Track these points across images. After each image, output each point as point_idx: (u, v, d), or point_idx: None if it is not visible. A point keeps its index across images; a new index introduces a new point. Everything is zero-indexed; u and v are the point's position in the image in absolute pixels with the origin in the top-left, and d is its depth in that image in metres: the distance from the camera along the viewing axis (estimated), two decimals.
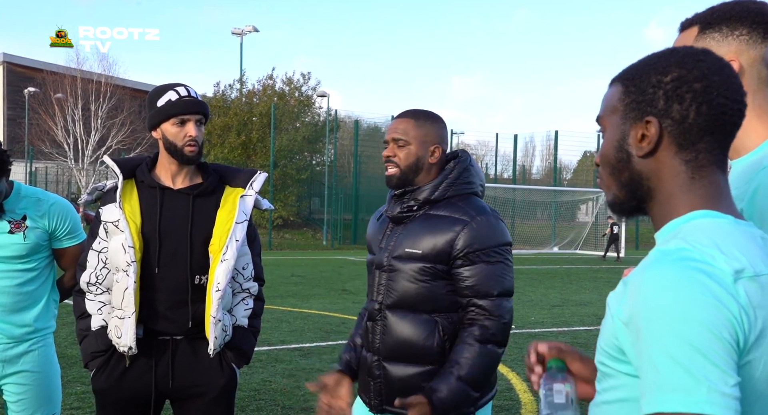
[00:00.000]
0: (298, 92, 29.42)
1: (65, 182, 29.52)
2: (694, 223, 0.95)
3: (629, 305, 0.90)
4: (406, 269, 1.93)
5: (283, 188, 26.96)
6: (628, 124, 0.99)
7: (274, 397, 4.85)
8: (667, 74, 0.96)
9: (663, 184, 0.98)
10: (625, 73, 1.02)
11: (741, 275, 0.88)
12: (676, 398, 0.82)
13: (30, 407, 2.46)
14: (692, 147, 0.96)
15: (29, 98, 28.18)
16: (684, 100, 0.95)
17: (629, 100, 0.99)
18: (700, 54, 0.97)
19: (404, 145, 1.97)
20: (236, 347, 2.25)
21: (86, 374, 5.27)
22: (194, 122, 2.19)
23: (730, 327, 0.84)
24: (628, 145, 0.99)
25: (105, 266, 2.22)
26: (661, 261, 0.89)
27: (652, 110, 0.97)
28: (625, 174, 1.00)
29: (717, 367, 0.82)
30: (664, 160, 0.97)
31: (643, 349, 0.87)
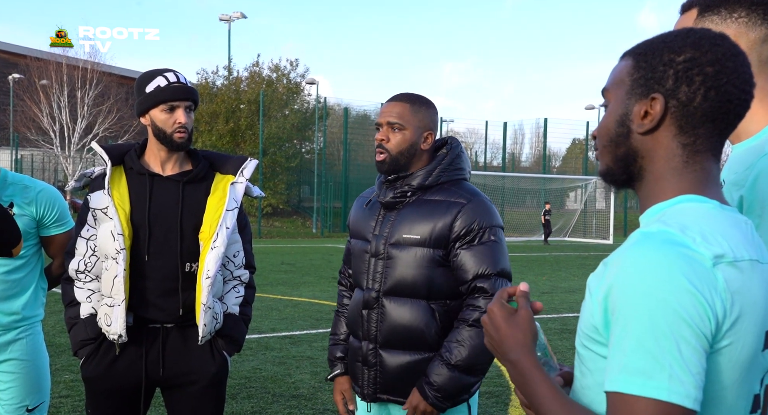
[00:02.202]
0: (286, 79, 29.24)
1: (51, 170, 29.23)
2: (679, 207, 0.96)
3: (607, 284, 0.90)
4: (404, 255, 1.92)
5: (273, 176, 26.86)
6: (634, 99, 0.98)
7: (265, 384, 4.86)
8: (681, 54, 0.95)
9: (656, 164, 0.98)
10: (638, 48, 1.00)
11: (721, 260, 0.88)
12: (637, 381, 0.83)
13: (18, 395, 2.44)
14: (692, 131, 0.96)
15: (14, 85, 27.81)
16: (693, 82, 0.94)
17: (638, 75, 0.98)
18: (718, 38, 0.96)
19: (400, 130, 1.95)
20: (227, 334, 2.24)
21: (75, 362, 5.24)
22: (184, 109, 2.16)
23: (703, 314, 0.85)
24: (630, 120, 0.98)
25: (94, 254, 2.19)
26: (642, 243, 0.90)
27: (660, 88, 0.96)
28: (621, 149, 1.00)
29: (683, 355, 0.83)
30: (663, 140, 0.97)
31: (616, 328, 0.87)
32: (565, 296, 9.81)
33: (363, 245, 2.04)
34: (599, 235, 26.70)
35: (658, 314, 0.84)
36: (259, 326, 6.78)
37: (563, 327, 7.40)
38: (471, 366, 1.84)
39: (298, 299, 8.95)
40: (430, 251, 1.90)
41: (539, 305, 1.06)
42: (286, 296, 9.17)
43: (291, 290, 9.68)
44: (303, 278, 11.15)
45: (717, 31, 0.98)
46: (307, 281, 10.85)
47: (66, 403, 4.37)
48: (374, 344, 1.97)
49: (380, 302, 1.96)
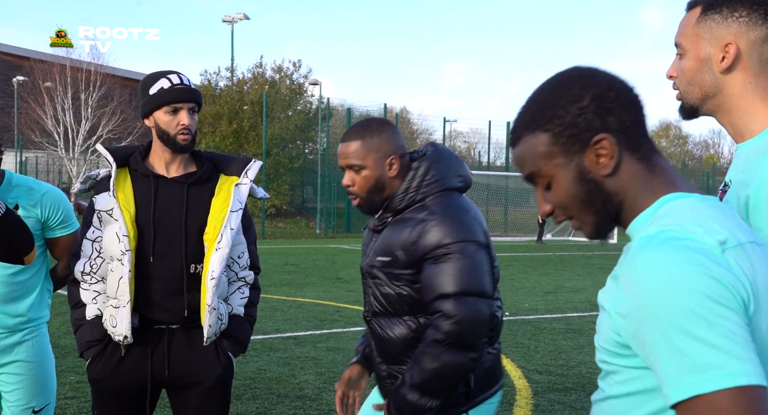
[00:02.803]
0: (289, 80, 29.26)
1: (56, 172, 29.31)
2: (666, 207, 0.97)
3: (625, 297, 0.89)
4: (382, 276, 1.89)
5: (276, 177, 26.89)
6: (577, 156, 1.00)
7: (269, 385, 4.86)
8: (583, 98, 0.99)
9: (629, 190, 1.00)
10: (536, 121, 1.02)
11: (726, 245, 0.89)
12: (710, 377, 0.80)
13: (25, 396, 2.45)
14: (638, 144, 1.00)
15: (18, 87, 27.89)
16: (612, 109, 0.98)
17: (563, 138, 1.00)
18: (587, 70, 1.02)
19: (359, 170, 1.89)
20: (232, 335, 2.24)
21: (80, 363, 5.26)
22: (187, 110, 2.17)
23: (731, 295, 0.85)
24: (590, 173, 1.00)
25: (99, 255, 2.20)
26: (647, 246, 0.89)
27: (596, 131, 0.99)
28: (598, 200, 1.01)
29: (738, 335, 0.82)
30: (626, 167, 1.00)
31: (654, 337, 0.85)
32: (569, 295, 9.79)
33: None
34: None
35: (697, 306, 0.83)
36: (263, 327, 6.79)
37: (568, 327, 7.39)
38: (427, 388, 1.77)
39: (302, 299, 8.96)
40: (402, 271, 1.85)
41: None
42: (290, 296, 9.18)
43: (295, 291, 9.69)
44: (307, 279, 11.16)
45: (582, 67, 1.03)
46: (311, 281, 10.86)
47: (72, 404, 4.38)
48: (379, 359, 1.98)
49: (371, 321, 1.97)
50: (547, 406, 4.49)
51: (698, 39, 1.28)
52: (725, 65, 1.26)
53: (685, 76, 1.31)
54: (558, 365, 5.62)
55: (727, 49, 1.25)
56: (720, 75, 1.27)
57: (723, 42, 1.25)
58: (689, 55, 1.30)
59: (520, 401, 4.58)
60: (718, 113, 1.31)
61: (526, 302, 9.06)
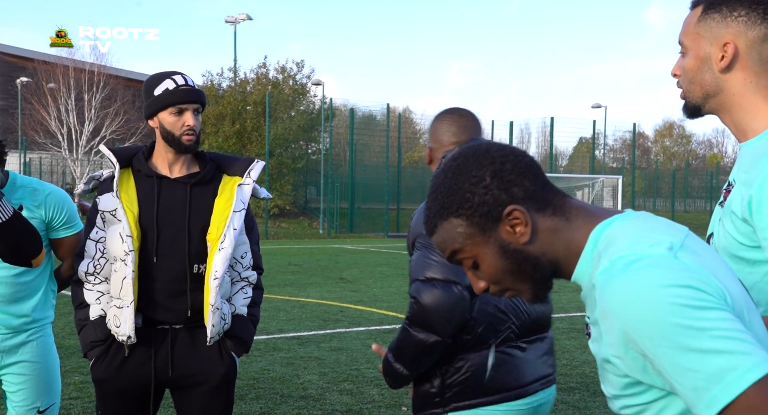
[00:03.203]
0: (293, 81, 29.28)
1: (59, 173, 29.38)
2: (601, 238, 0.99)
3: (613, 338, 0.91)
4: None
5: (279, 177, 26.91)
6: (493, 232, 1.02)
7: (273, 385, 4.87)
8: (484, 177, 1.02)
9: (557, 246, 1.03)
10: (446, 209, 1.03)
11: (674, 249, 0.91)
12: (727, 382, 0.81)
13: (30, 397, 2.46)
14: (547, 202, 1.03)
15: (21, 88, 27.97)
16: (513, 180, 1.02)
17: (477, 218, 1.02)
18: (479, 149, 1.05)
19: (430, 148, 2.07)
20: (235, 335, 2.25)
21: (84, 364, 5.27)
22: (192, 111, 2.18)
23: (708, 293, 0.86)
24: (510, 244, 1.02)
25: (103, 256, 2.21)
26: (609, 280, 0.91)
27: (504, 205, 1.01)
28: (528, 266, 1.03)
29: (731, 330, 0.82)
30: (543, 227, 1.02)
31: (662, 363, 0.86)
32: (572, 295, 9.78)
33: None
34: None
35: (679, 319, 0.83)
36: (266, 327, 6.80)
37: (571, 326, 7.38)
38: (397, 355, 1.87)
39: (305, 299, 8.96)
40: (410, 256, 1.95)
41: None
42: (293, 296, 9.19)
43: (298, 291, 9.70)
44: (310, 279, 11.16)
45: (473, 147, 1.05)
46: (314, 281, 10.86)
47: (76, 405, 4.39)
48: None
49: None
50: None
51: (699, 38, 1.29)
52: (724, 64, 1.26)
53: (687, 75, 1.32)
54: (561, 364, 5.61)
55: (725, 48, 1.26)
56: (719, 74, 1.28)
57: (722, 41, 1.26)
58: (690, 54, 1.31)
59: None
60: (720, 112, 1.32)
61: None
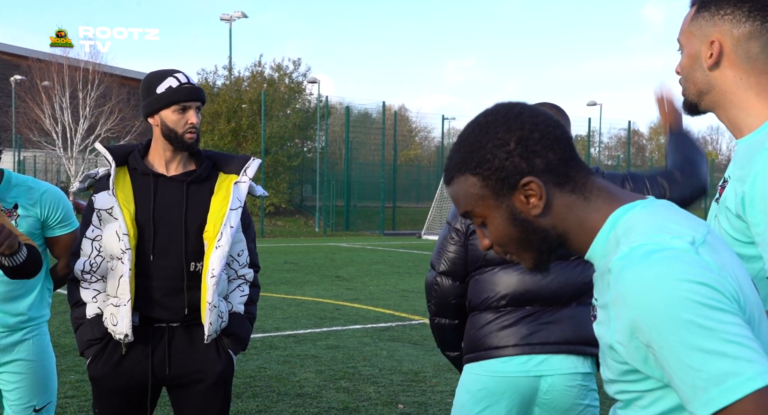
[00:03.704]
0: (288, 79, 29.24)
1: (54, 171, 29.29)
2: (620, 223, 0.97)
3: (623, 322, 0.90)
4: None
5: (275, 175, 26.88)
6: (507, 198, 1.02)
7: (270, 383, 4.87)
8: (508, 142, 1.00)
9: (569, 222, 1.02)
10: (466, 164, 1.03)
11: (695, 244, 0.90)
12: (728, 387, 0.81)
13: (26, 395, 2.45)
14: (568, 178, 1.01)
15: (15, 86, 27.85)
16: (537, 151, 1.00)
17: (492, 181, 1.01)
18: (513, 111, 1.03)
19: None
20: (233, 333, 2.25)
21: (80, 362, 5.26)
22: (194, 109, 2.19)
23: (724, 296, 0.85)
24: (521, 214, 1.02)
25: (99, 254, 2.20)
26: (629, 266, 0.89)
27: (523, 173, 1.00)
28: (534, 237, 1.03)
29: (740, 336, 0.82)
30: (558, 202, 1.01)
31: (665, 356, 0.86)
32: None
33: None
34: None
35: (694, 317, 0.83)
36: (263, 325, 6.80)
37: None
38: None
39: (301, 297, 8.96)
40: None
41: None
42: (289, 294, 9.19)
43: (294, 289, 9.70)
44: (306, 277, 11.16)
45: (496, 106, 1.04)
46: (311, 279, 10.86)
47: (72, 403, 4.38)
48: None
49: None
50: None
51: (691, 37, 1.32)
52: (711, 62, 1.29)
53: (683, 73, 1.34)
54: None
55: (712, 46, 1.28)
56: (709, 72, 1.30)
57: (709, 39, 1.28)
58: (684, 52, 1.34)
59: None
60: (715, 109, 1.33)
61: None
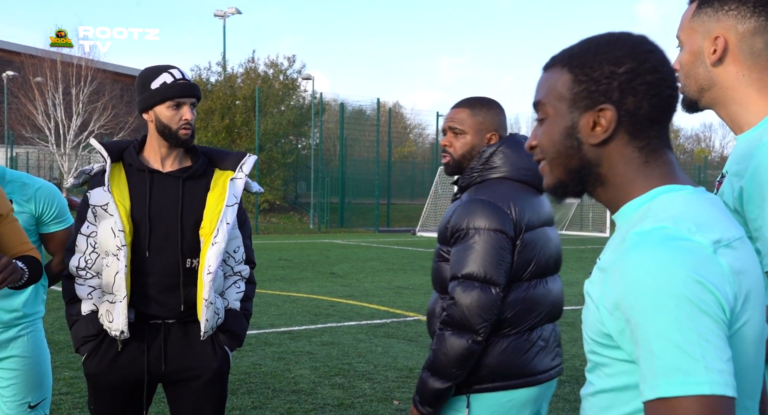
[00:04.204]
0: (283, 75, 29.16)
1: (47, 167, 29.14)
2: (660, 199, 0.96)
3: (614, 291, 0.90)
4: (435, 250, 2.06)
5: (269, 172, 26.82)
6: (578, 112, 0.99)
7: (265, 380, 4.87)
8: (621, 65, 0.96)
9: (616, 169, 0.99)
10: (571, 59, 1.00)
11: (719, 244, 0.89)
12: (675, 381, 0.82)
13: (20, 392, 2.44)
14: (643, 135, 0.98)
15: (8, 82, 27.68)
16: (638, 92, 0.96)
17: (580, 88, 0.98)
18: (649, 44, 0.99)
19: (460, 134, 2.03)
20: (229, 329, 2.25)
21: (75, 359, 5.25)
22: (189, 105, 2.18)
23: (717, 302, 0.85)
24: (578, 132, 0.99)
25: (94, 250, 2.20)
26: (642, 243, 0.89)
27: (607, 100, 0.97)
28: (574, 161, 1.00)
29: (711, 345, 0.82)
30: (617, 148, 0.98)
31: (638, 334, 0.86)
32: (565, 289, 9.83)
33: None
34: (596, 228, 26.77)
35: (677, 310, 0.83)
36: (257, 322, 6.79)
37: (562, 320, 7.41)
38: (436, 370, 1.82)
39: (296, 294, 8.96)
40: (440, 247, 1.99)
41: None
42: (284, 291, 9.18)
43: (289, 286, 9.69)
44: (301, 274, 11.15)
45: (638, 34, 0.99)
46: (305, 276, 10.85)
47: (66, 400, 4.38)
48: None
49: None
50: None
51: (693, 33, 1.31)
52: (715, 58, 1.28)
53: (683, 70, 1.34)
54: None
55: (716, 42, 1.28)
56: (712, 68, 1.29)
57: (713, 35, 1.28)
58: (685, 48, 1.33)
59: None
60: (715, 106, 1.33)
61: None
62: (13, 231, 2.12)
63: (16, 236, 2.12)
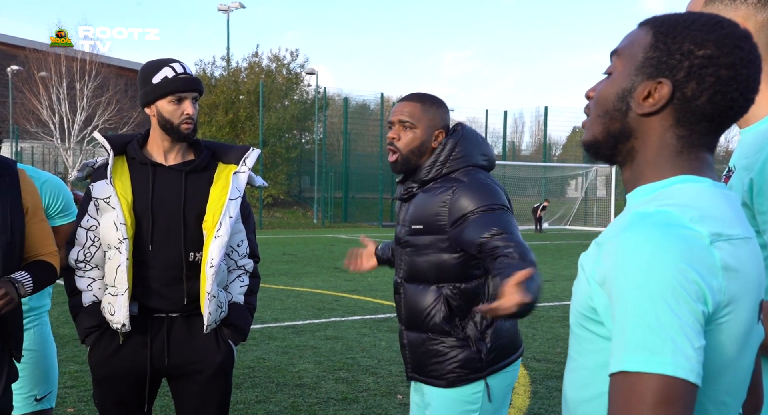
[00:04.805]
0: (286, 70, 29.13)
1: (52, 162, 29.21)
2: (675, 187, 0.95)
3: (604, 265, 0.89)
4: (415, 243, 2.02)
5: (273, 167, 26.85)
6: (641, 77, 0.96)
7: (269, 374, 4.89)
8: (702, 48, 0.92)
9: (648, 149, 0.97)
10: (661, 25, 0.96)
11: (718, 238, 0.88)
12: (640, 358, 0.82)
13: (27, 385, 2.45)
14: (689, 126, 0.95)
15: (12, 77, 27.72)
16: (704, 81, 0.92)
17: (652, 54, 0.95)
18: (742, 39, 0.93)
19: (410, 128, 2.02)
20: (232, 323, 2.25)
21: (80, 352, 5.27)
22: (191, 100, 2.17)
23: (700, 291, 0.85)
24: (632, 97, 0.96)
25: (93, 244, 2.20)
26: (640, 223, 0.89)
27: (670, 76, 0.94)
28: (616, 124, 0.98)
29: (684, 330, 0.82)
30: (658, 127, 0.95)
31: (616, 310, 0.86)
32: (566, 283, 9.83)
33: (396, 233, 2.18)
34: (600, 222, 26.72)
35: (657, 291, 0.83)
36: (261, 316, 6.81)
37: (565, 315, 7.43)
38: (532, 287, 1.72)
39: (300, 289, 8.97)
40: (434, 238, 1.98)
41: None
42: (288, 286, 9.20)
43: (293, 281, 9.71)
44: (305, 269, 11.17)
45: (742, 28, 0.95)
46: (309, 271, 10.87)
47: (71, 393, 4.40)
48: (404, 326, 2.11)
49: (403, 287, 2.08)
50: (545, 393, 4.52)
51: None
52: None
53: None
54: (555, 352, 5.65)
55: None
56: None
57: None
58: None
59: (518, 388, 4.61)
60: None
61: None
62: (40, 233, 2.16)
63: (41, 239, 2.17)
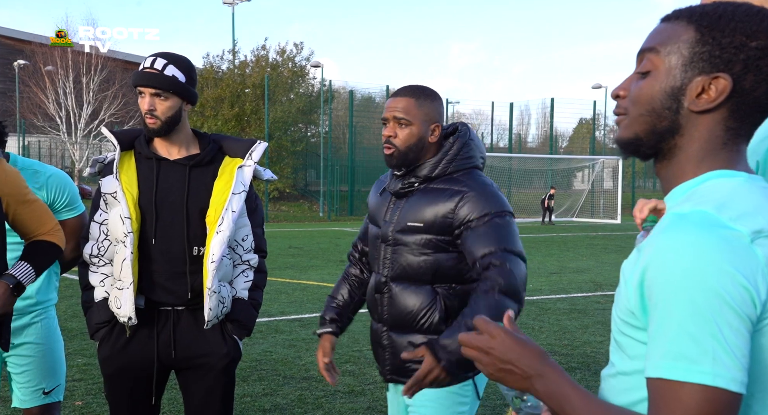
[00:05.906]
0: (292, 63, 29.11)
1: (59, 156, 29.33)
2: (708, 184, 0.92)
3: (641, 268, 0.88)
4: (409, 241, 1.96)
5: (279, 160, 26.87)
6: (691, 74, 0.92)
7: (275, 367, 4.90)
8: (755, 39, 0.89)
9: (693, 144, 0.93)
10: (702, 18, 0.92)
11: (759, 235, 0.85)
12: (680, 366, 0.81)
13: (34, 378, 2.47)
14: (742, 118, 0.92)
15: (19, 71, 27.81)
16: (762, 72, 0.89)
17: (703, 49, 0.91)
18: None
19: (406, 125, 1.96)
20: (236, 319, 2.25)
21: (88, 346, 5.31)
22: (150, 95, 2.15)
23: (745, 295, 0.82)
24: (682, 97, 0.92)
25: (107, 238, 2.21)
26: (677, 225, 0.87)
27: (726, 70, 0.90)
28: (665, 123, 0.93)
29: (726, 338, 0.81)
30: (711, 122, 0.92)
31: (655, 314, 0.85)
32: (573, 276, 9.81)
33: (376, 230, 2.09)
34: (607, 215, 26.65)
35: (699, 297, 0.82)
36: (268, 310, 6.83)
37: (572, 307, 7.42)
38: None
39: (306, 282, 9.00)
40: (434, 237, 1.93)
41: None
42: (294, 279, 9.22)
43: (299, 274, 9.73)
44: (311, 262, 11.20)
45: None
46: (315, 264, 10.90)
47: (79, 386, 4.43)
48: (386, 327, 2.02)
49: (389, 286, 2.00)
50: None
51: None
52: None
53: None
54: (562, 345, 5.65)
55: None
56: None
57: None
58: None
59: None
60: None
61: (530, 282, 9.07)
62: (31, 215, 2.14)
63: (35, 220, 2.15)
